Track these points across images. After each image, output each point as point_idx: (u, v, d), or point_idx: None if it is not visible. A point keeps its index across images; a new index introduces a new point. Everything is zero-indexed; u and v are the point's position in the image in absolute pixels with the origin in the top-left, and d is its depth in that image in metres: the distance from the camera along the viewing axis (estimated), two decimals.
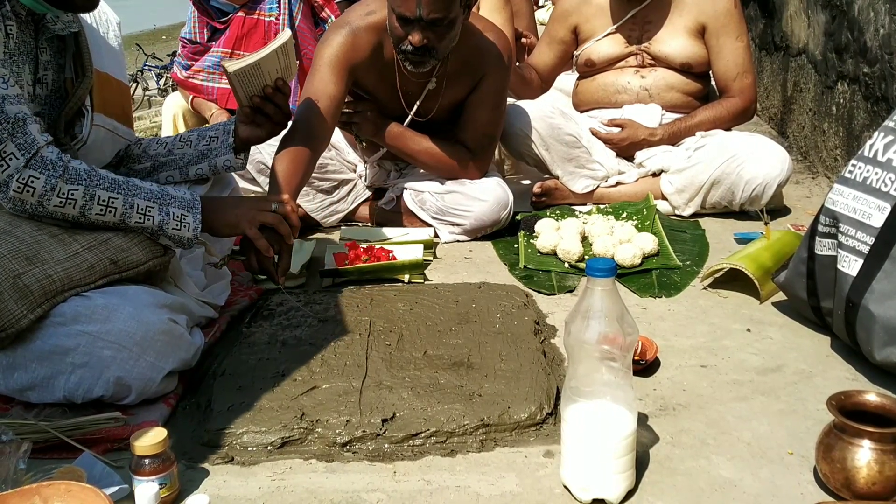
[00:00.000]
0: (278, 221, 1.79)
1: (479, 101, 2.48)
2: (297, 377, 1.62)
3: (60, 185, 1.54)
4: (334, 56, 2.30)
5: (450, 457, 1.43)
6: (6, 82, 1.51)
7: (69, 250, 1.56)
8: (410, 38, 2.21)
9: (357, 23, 2.34)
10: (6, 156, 1.50)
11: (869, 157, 1.68)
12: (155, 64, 16.16)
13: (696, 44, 2.75)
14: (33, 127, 1.53)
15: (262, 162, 2.54)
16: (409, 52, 2.24)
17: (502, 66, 2.45)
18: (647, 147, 2.77)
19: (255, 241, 1.77)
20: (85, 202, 1.57)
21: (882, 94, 2.51)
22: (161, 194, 1.67)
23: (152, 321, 1.56)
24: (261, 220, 1.77)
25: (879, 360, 1.59)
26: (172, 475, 1.31)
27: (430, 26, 2.19)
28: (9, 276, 1.47)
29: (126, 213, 1.61)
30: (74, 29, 1.70)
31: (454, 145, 2.51)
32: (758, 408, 1.55)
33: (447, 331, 1.81)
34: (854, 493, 1.24)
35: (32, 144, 1.52)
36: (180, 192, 1.71)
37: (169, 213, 1.65)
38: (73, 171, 1.57)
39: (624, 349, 1.26)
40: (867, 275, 1.60)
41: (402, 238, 2.43)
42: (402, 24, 2.21)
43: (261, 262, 1.81)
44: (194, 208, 1.69)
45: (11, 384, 1.53)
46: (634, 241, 2.30)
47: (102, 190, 1.59)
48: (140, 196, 1.63)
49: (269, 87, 1.90)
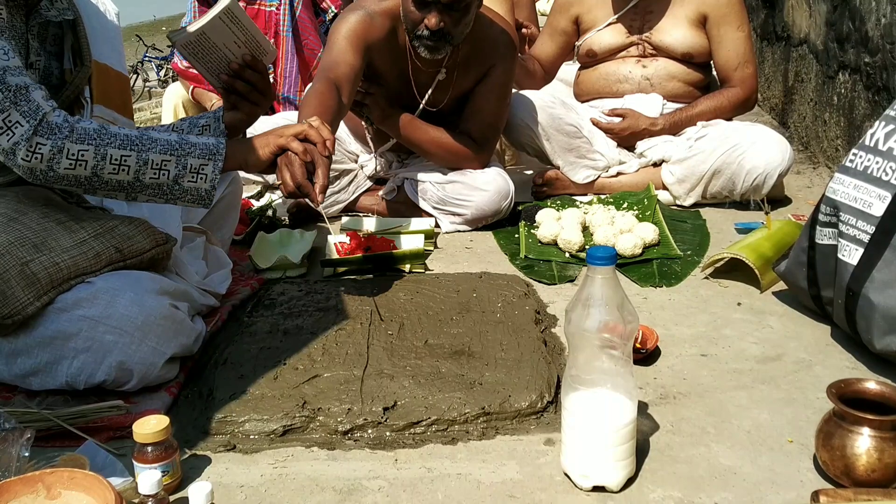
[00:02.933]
0: (309, 128, 1.71)
1: (487, 92, 2.48)
2: (298, 366, 1.63)
3: (68, 145, 1.49)
4: (352, 31, 2.30)
5: (451, 445, 1.43)
6: (7, 54, 1.49)
7: (76, 238, 1.56)
8: (427, 22, 2.21)
9: (372, 7, 2.35)
10: (11, 124, 1.46)
11: (870, 146, 1.68)
12: (155, 55, 16.12)
13: (697, 33, 2.74)
14: (37, 94, 1.50)
15: None
16: (425, 37, 2.24)
17: (510, 56, 2.45)
18: (648, 137, 2.77)
19: (288, 145, 1.68)
20: (96, 162, 1.52)
21: (883, 83, 2.50)
22: (180, 144, 1.59)
23: (153, 306, 1.56)
24: (291, 131, 1.70)
25: (879, 348, 1.59)
26: (175, 463, 1.31)
27: (446, 9, 2.20)
28: (17, 263, 1.47)
29: (140, 169, 1.55)
30: (69, 16, 1.68)
31: (460, 136, 2.51)
32: (758, 396, 1.56)
33: (448, 320, 1.82)
34: (853, 481, 1.25)
35: (37, 111, 1.48)
36: (203, 139, 1.63)
37: (186, 166, 1.58)
38: (82, 131, 1.51)
39: (624, 337, 1.26)
40: (867, 264, 1.61)
41: (403, 228, 2.44)
42: (419, 7, 2.21)
43: (295, 175, 1.66)
44: (216, 154, 1.61)
45: (15, 370, 1.54)
46: (635, 230, 2.30)
47: (114, 148, 1.53)
48: (155, 150, 1.56)
49: (236, 62, 1.82)
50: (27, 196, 1.60)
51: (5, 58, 1.48)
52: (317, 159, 1.69)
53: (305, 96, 2.11)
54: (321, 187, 1.68)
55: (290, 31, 3.46)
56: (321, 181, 1.68)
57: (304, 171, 1.67)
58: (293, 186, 1.66)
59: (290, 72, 3.50)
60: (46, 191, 1.63)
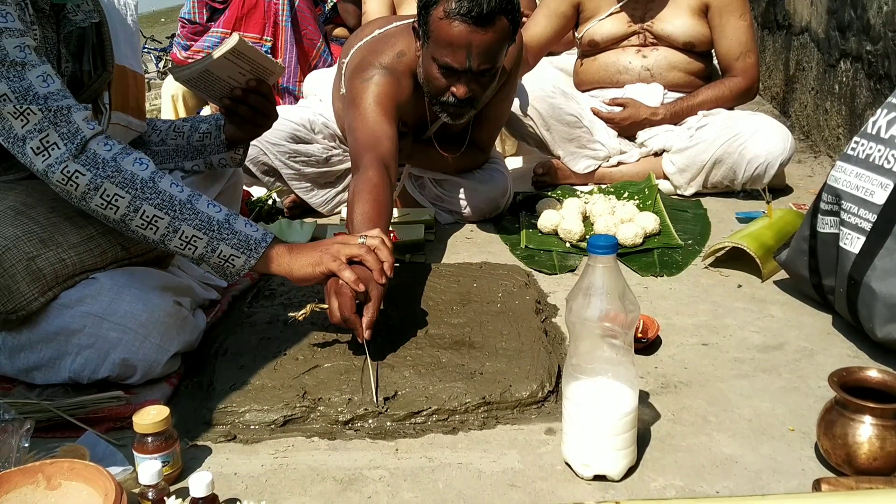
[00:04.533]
0: (366, 252, 1.57)
1: (498, 103, 2.42)
2: (298, 356, 1.62)
3: (106, 185, 1.44)
4: (383, 95, 2.11)
5: (451, 434, 1.43)
6: (47, 80, 1.43)
7: (83, 234, 1.55)
8: (455, 90, 2.04)
9: (394, 65, 2.17)
10: (49, 146, 1.41)
11: (872, 133, 1.67)
12: (154, 47, 16.05)
13: (698, 23, 2.73)
14: (78, 115, 1.44)
15: (265, 163, 2.49)
16: (451, 104, 2.09)
17: (518, 60, 2.38)
18: (648, 127, 2.76)
19: (340, 273, 1.54)
20: (127, 211, 1.46)
21: (885, 71, 2.49)
22: (219, 227, 1.50)
23: (158, 303, 1.55)
24: (346, 252, 1.56)
25: (881, 337, 1.59)
26: (175, 453, 1.31)
27: (476, 77, 2.04)
28: (23, 257, 1.46)
29: (167, 234, 1.48)
30: (95, 19, 1.64)
31: (471, 150, 2.48)
32: (759, 385, 1.56)
33: (448, 310, 1.81)
34: (855, 469, 1.25)
35: (76, 133, 1.43)
36: (250, 228, 1.54)
37: (216, 250, 1.51)
38: (129, 176, 1.45)
39: (625, 326, 1.26)
40: (869, 252, 1.60)
41: (402, 217, 2.43)
42: (446, 76, 2.04)
43: (343, 308, 1.51)
44: (252, 251, 1.52)
45: (18, 364, 1.54)
46: (636, 220, 2.30)
47: (150, 205, 1.46)
48: (190, 223, 1.49)
49: (239, 88, 1.77)
50: (36, 190, 1.58)
51: (45, 85, 1.42)
52: (371, 289, 1.55)
53: (357, 186, 1.87)
54: (369, 322, 1.54)
55: (289, 20, 3.45)
56: (371, 315, 1.54)
57: (353, 305, 1.52)
58: (340, 320, 1.53)
59: (289, 62, 3.49)
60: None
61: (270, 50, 3.45)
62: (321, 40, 3.60)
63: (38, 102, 1.40)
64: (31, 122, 1.40)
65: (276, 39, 3.47)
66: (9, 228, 1.48)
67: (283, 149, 2.46)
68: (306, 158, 2.49)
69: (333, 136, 2.54)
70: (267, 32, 3.47)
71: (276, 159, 2.47)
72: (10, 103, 1.39)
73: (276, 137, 2.43)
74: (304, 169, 2.50)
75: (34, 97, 1.40)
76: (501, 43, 2.02)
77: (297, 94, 3.48)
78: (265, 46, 3.46)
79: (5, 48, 1.39)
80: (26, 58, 1.41)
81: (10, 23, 1.40)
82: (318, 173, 2.52)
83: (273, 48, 3.46)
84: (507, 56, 2.31)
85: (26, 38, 1.42)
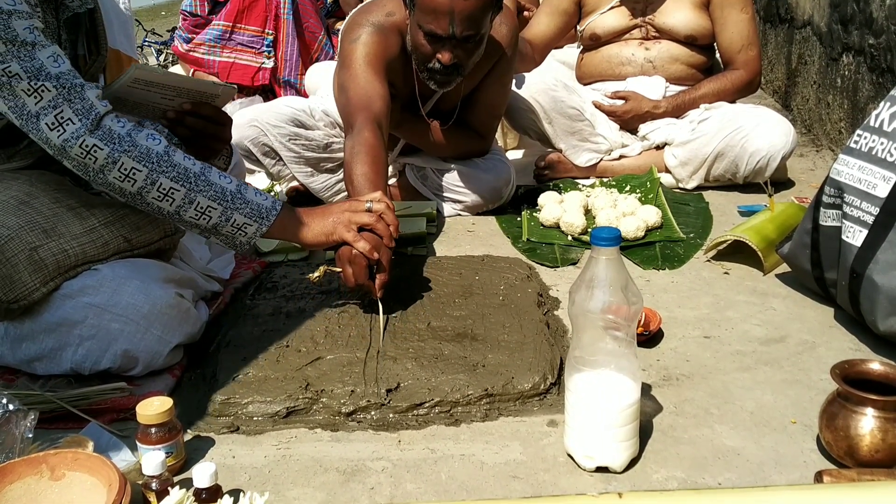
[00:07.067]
0: (375, 220, 1.68)
1: (491, 85, 2.44)
2: (301, 348, 1.62)
3: (124, 159, 1.48)
4: (372, 55, 2.17)
5: (454, 426, 1.43)
6: (57, 60, 1.46)
7: (86, 225, 1.55)
8: (440, 57, 2.10)
9: (382, 21, 2.21)
10: (63, 121, 1.45)
11: (875, 126, 1.67)
12: (154, 40, 16.04)
13: (700, 15, 2.73)
14: (91, 93, 1.48)
15: (266, 144, 2.49)
16: (436, 71, 2.14)
17: (513, 46, 2.40)
18: (650, 120, 2.76)
19: (354, 244, 1.65)
20: (144, 184, 1.50)
21: (888, 65, 2.49)
22: (232, 197, 1.57)
23: (159, 295, 1.56)
24: (356, 220, 1.67)
25: (883, 330, 1.59)
26: (179, 444, 1.31)
27: (461, 44, 2.09)
28: (25, 247, 1.46)
29: (183, 206, 1.54)
30: (90, 5, 1.66)
31: (465, 132, 2.49)
32: (761, 378, 1.56)
33: (451, 303, 1.81)
34: (857, 461, 1.25)
35: (90, 109, 1.46)
36: (260, 197, 1.61)
37: (230, 219, 1.57)
38: (144, 150, 1.50)
39: (628, 318, 1.26)
40: (871, 245, 1.60)
41: (404, 210, 2.43)
42: (431, 42, 2.09)
43: (357, 273, 1.65)
44: (264, 218, 1.60)
45: (19, 355, 1.54)
46: (638, 213, 2.30)
47: (166, 178, 1.51)
48: (205, 194, 1.54)
49: (172, 111, 1.69)
50: (39, 180, 1.58)
51: (56, 65, 1.45)
52: (381, 254, 1.67)
53: (354, 147, 1.95)
54: (381, 284, 1.68)
55: (290, 13, 3.45)
56: (384, 277, 1.69)
57: (367, 272, 1.66)
58: (355, 285, 1.66)
59: (290, 55, 3.49)
60: (59, 175, 1.62)
61: (272, 43, 3.45)
62: (323, 33, 3.59)
63: (51, 80, 1.43)
64: (45, 99, 1.44)
65: (277, 32, 3.47)
66: (11, 218, 1.48)
67: (284, 131, 2.47)
68: (307, 142, 2.50)
69: (334, 125, 2.53)
70: (268, 25, 3.46)
71: (275, 141, 2.48)
72: (23, 81, 1.42)
73: (276, 119, 2.46)
74: (305, 153, 2.50)
75: (47, 76, 1.43)
76: (485, 9, 2.08)
77: (298, 87, 3.48)
78: (267, 39, 3.45)
79: (15, 29, 1.41)
80: (36, 38, 1.44)
81: (17, 5, 1.42)
82: (318, 158, 2.52)
83: (274, 41, 3.46)
84: (502, 38, 2.34)
85: (34, 20, 1.45)
